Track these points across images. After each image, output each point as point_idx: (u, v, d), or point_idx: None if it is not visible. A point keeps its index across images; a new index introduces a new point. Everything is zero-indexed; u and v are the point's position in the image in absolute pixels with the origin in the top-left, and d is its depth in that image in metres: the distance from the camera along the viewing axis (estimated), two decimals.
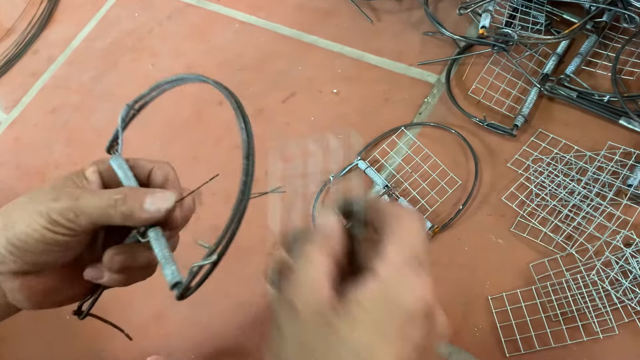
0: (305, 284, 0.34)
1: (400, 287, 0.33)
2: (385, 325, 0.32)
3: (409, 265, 0.34)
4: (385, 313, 0.32)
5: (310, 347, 0.32)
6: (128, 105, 0.45)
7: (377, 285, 0.33)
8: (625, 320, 0.62)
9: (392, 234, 0.35)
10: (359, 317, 0.32)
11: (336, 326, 0.32)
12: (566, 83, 0.77)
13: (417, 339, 0.33)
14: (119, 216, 0.40)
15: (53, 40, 1.16)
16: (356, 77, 0.90)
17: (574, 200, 0.69)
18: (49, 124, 1.03)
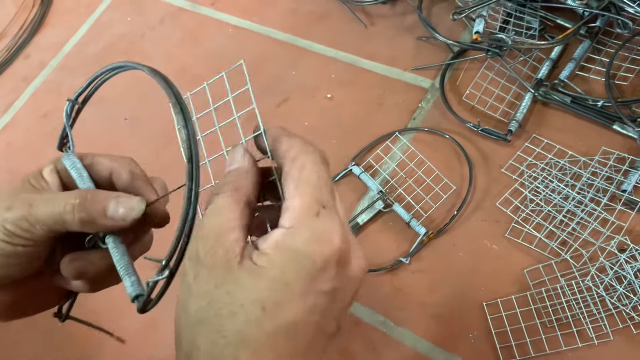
0: (211, 234, 0.32)
1: (305, 235, 0.31)
2: (291, 276, 0.31)
3: (311, 210, 0.32)
4: (291, 263, 0.31)
5: (216, 301, 0.31)
6: (70, 100, 0.43)
7: (282, 235, 0.32)
8: (619, 326, 0.62)
9: (292, 181, 0.33)
10: (263, 267, 0.31)
11: (240, 278, 0.31)
12: (560, 88, 0.77)
13: (326, 287, 0.32)
14: (76, 223, 0.37)
15: (45, 45, 1.15)
16: (350, 82, 0.90)
17: (568, 206, 0.69)
18: (40, 128, 1.03)
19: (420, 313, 0.69)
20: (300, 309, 0.31)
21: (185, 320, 0.32)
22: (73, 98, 0.43)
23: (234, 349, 0.30)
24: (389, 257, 0.73)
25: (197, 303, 0.31)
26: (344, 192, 0.80)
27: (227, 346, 0.30)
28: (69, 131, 0.43)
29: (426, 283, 0.70)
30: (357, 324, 0.70)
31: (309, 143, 0.35)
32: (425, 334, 0.67)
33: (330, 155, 0.85)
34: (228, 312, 0.30)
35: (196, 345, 0.31)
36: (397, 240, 0.74)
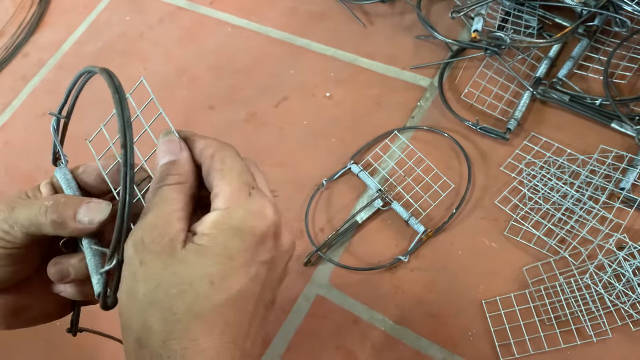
0: (158, 223, 0.34)
1: (242, 212, 0.35)
2: (234, 250, 0.34)
3: (242, 192, 0.36)
4: (232, 238, 0.34)
5: (164, 282, 0.33)
6: (54, 115, 0.43)
7: (220, 215, 0.35)
8: (618, 324, 0.62)
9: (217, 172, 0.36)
10: (206, 246, 0.34)
11: (186, 258, 0.33)
12: (558, 87, 0.78)
13: (265, 257, 0.35)
14: (49, 224, 0.38)
15: (43, 44, 1.15)
16: (349, 81, 0.90)
17: (567, 204, 0.69)
18: (39, 128, 1.03)
19: (419, 311, 0.69)
20: (244, 280, 0.34)
21: (134, 304, 0.34)
22: (57, 112, 0.43)
23: (186, 324, 0.32)
24: (388, 255, 0.73)
25: (145, 286, 0.33)
26: (342, 190, 0.80)
27: (179, 322, 0.32)
28: (59, 147, 0.44)
29: (425, 281, 0.70)
30: (355, 322, 0.70)
31: (221, 142, 0.39)
32: (424, 332, 0.67)
33: (329, 154, 0.86)
34: (177, 291, 0.33)
35: (147, 326, 0.33)
36: (396, 238, 0.74)
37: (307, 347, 0.70)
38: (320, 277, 0.74)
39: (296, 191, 0.81)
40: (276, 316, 0.73)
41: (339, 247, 0.75)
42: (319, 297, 0.73)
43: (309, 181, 0.81)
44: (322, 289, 0.73)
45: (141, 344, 0.33)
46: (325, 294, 0.73)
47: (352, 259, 0.74)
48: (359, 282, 0.73)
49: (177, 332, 0.32)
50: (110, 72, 0.38)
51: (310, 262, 0.75)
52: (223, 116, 0.92)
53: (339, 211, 0.78)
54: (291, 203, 0.80)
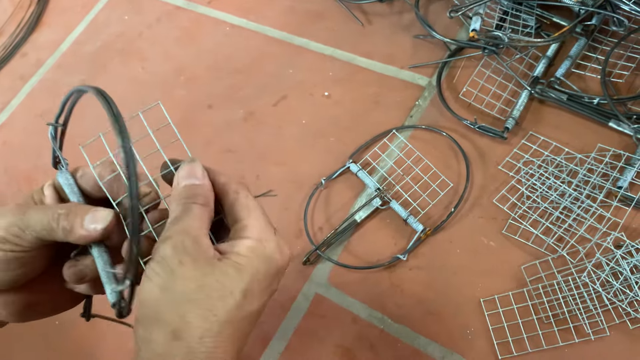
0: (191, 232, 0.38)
1: (273, 246, 0.40)
2: (262, 274, 0.39)
3: (270, 228, 0.41)
4: (263, 265, 0.39)
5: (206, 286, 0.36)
6: (52, 124, 0.45)
7: (254, 242, 0.39)
8: (616, 322, 0.62)
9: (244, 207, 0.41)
10: (244, 265, 0.38)
11: (227, 270, 0.37)
12: (556, 86, 0.78)
13: (275, 287, 0.41)
14: (60, 231, 0.40)
15: (42, 44, 1.15)
16: (347, 80, 0.90)
17: (564, 203, 0.69)
18: (37, 127, 1.03)
19: (417, 310, 0.69)
20: (261, 301, 0.39)
21: (170, 299, 0.36)
22: (54, 121, 0.45)
23: (221, 326, 0.36)
24: (387, 254, 0.73)
25: (184, 285, 0.36)
26: (341, 189, 0.80)
27: (216, 323, 0.36)
28: (59, 152, 0.45)
29: (423, 280, 0.71)
30: (354, 321, 0.70)
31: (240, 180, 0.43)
32: (423, 330, 0.68)
33: (327, 153, 0.86)
34: (218, 296, 0.37)
35: (186, 320, 0.36)
36: (395, 237, 0.74)
37: (306, 346, 0.70)
38: (319, 276, 0.74)
39: (295, 190, 0.81)
40: (275, 315, 0.73)
41: (338, 246, 0.75)
42: (318, 296, 0.73)
43: (308, 180, 0.81)
44: (321, 287, 0.73)
45: (177, 337, 0.36)
46: (324, 293, 0.73)
47: (351, 258, 0.74)
48: (357, 281, 0.73)
49: (213, 331, 0.36)
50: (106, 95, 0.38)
51: (309, 261, 0.75)
52: (222, 115, 0.92)
53: (338, 210, 0.78)
54: (290, 202, 0.81)
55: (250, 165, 0.86)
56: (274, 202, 0.81)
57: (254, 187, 0.84)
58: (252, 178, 0.84)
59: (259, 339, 0.72)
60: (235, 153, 0.88)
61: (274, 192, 0.82)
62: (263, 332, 0.72)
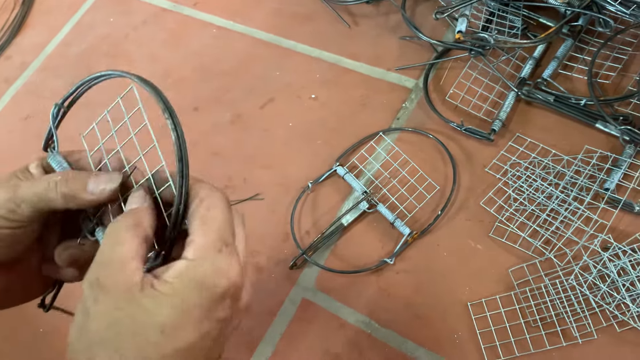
0: (113, 262, 0.35)
1: (207, 268, 0.35)
2: (191, 304, 0.34)
3: (215, 247, 0.36)
4: (192, 292, 0.34)
5: (116, 322, 0.33)
6: (57, 104, 0.44)
7: (185, 266, 0.35)
8: (603, 325, 0.62)
9: (200, 218, 0.37)
10: (166, 294, 0.34)
11: (143, 303, 0.33)
12: (543, 87, 0.78)
13: (221, 316, 0.36)
14: (59, 198, 0.39)
15: (26, 46, 1.13)
16: (334, 82, 0.90)
17: (552, 205, 0.69)
18: (23, 130, 1.01)
19: (405, 314, 0.69)
20: (195, 335, 0.34)
21: (83, 341, 0.33)
22: (60, 102, 0.44)
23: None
24: (374, 257, 0.73)
25: (96, 324, 0.33)
26: (328, 192, 0.79)
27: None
28: (55, 132, 0.44)
29: (411, 283, 0.70)
30: (341, 325, 0.69)
31: (215, 187, 0.39)
32: (410, 334, 0.67)
33: (314, 156, 0.85)
34: (129, 333, 0.33)
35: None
36: (382, 240, 0.74)
37: (294, 351, 0.70)
38: (306, 281, 0.74)
39: (282, 193, 0.81)
40: (262, 320, 0.72)
41: (325, 250, 0.75)
42: (305, 301, 0.72)
43: (295, 183, 0.81)
44: (308, 292, 0.73)
45: None
46: (311, 298, 0.72)
47: (338, 262, 0.74)
48: (345, 285, 0.72)
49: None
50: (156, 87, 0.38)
51: (296, 266, 0.74)
52: (209, 118, 0.92)
53: (325, 214, 0.78)
54: (277, 205, 0.80)
55: (237, 168, 0.85)
56: (261, 206, 0.80)
57: (241, 190, 0.84)
58: (239, 181, 0.84)
59: (246, 345, 0.71)
60: (222, 156, 0.87)
61: (261, 196, 0.82)
62: (250, 337, 0.71)
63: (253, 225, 0.79)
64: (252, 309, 0.73)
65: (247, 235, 0.45)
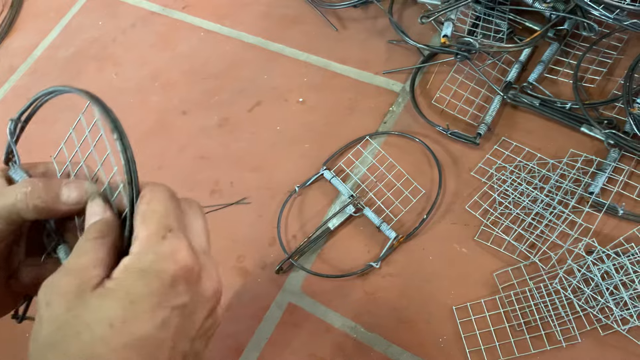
0: (74, 269, 0.35)
1: (149, 256, 0.35)
2: (138, 294, 0.33)
3: (158, 235, 0.35)
4: (137, 282, 0.34)
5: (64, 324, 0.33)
6: (12, 120, 0.45)
7: (129, 259, 0.35)
8: (587, 328, 0.62)
9: (140, 214, 0.36)
10: (111, 289, 0.34)
11: (90, 302, 0.33)
12: (529, 91, 0.78)
13: (176, 303, 0.35)
14: (31, 211, 0.38)
15: (14, 50, 1.13)
16: (322, 86, 0.90)
17: (537, 209, 0.69)
18: None
19: (390, 318, 0.69)
20: (149, 325, 0.33)
21: (35, 348, 0.33)
22: (16, 117, 0.45)
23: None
24: (360, 261, 0.73)
25: (47, 328, 0.33)
26: (315, 196, 0.79)
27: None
28: (14, 147, 0.45)
29: (397, 287, 0.70)
30: (327, 330, 0.69)
31: (158, 183, 0.39)
32: (396, 339, 0.67)
33: (302, 159, 0.85)
34: (73, 333, 0.32)
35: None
36: (368, 244, 0.74)
37: (280, 356, 0.70)
38: (292, 285, 0.73)
39: (269, 197, 0.81)
40: (248, 325, 0.72)
41: (311, 254, 0.75)
42: (291, 305, 0.72)
43: (282, 187, 0.81)
44: (294, 296, 0.73)
45: None
46: (297, 302, 0.72)
47: (324, 266, 0.74)
48: (331, 289, 0.72)
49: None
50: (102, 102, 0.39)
51: (282, 270, 0.74)
52: (196, 121, 0.92)
53: (312, 218, 0.78)
54: (264, 209, 0.80)
55: (224, 172, 0.85)
56: (248, 210, 0.80)
57: (228, 194, 0.84)
58: (226, 184, 0.84)
59: (232, 350, 0.71)
60: (210, 159, 0.87)
61: (247, 200, 0.81)
62: (236, 342, 0.71)
63: (239, 230, 0.79)
64: (237, 313, 0.73)
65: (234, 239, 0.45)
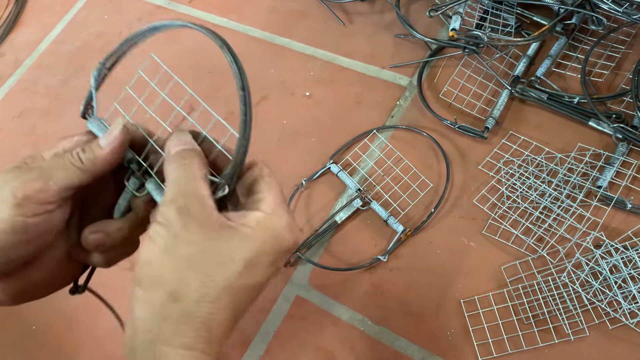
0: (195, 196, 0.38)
1: (281, 223, 0.39)
2: (268, 248, 0.38)
3: (284, 206, 0.40)
4: (270, 239, 0.38)
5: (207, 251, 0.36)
6: (100, 63, 0.44)
7: (264, 216, 0.38)
8: (595, 322, 0.62)
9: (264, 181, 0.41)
10: (249, 235, 0.37)
11: (230, 238, 0.37)
12: (537, 85, 0.78)
13: (280, 265, 0.40)
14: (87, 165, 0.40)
15: (20, 44, 1.13)
16: (329, 80, 0.90)
17: (544, 202, 0.69)
18: (15, 128, 1.01)
19: (398, 311, 0.69)
20: (264, 275, 0.38)
21: (172, 261, 0.36)
22: (102, 62, 0.45)
23: (219, 292, 0.36)
24: (367, 255, 0.73)
25: (187, 249, 0.36)
26: (322, 190, 0.79)
27: (214, 289, 0.36)
28: (94, 96, 0.44)
29: (404, 281, 0.70)
30: (334, 323, 0.69)
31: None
32: (403, 332, 0.67)
33: (308, 153, 0.85)
34: (218, 262, 0.36)
35: (186, 283, 0.36)
36: (375, 238, 0.74)
37: (286, 349, 0.70)
38: (300, 278, 0.73)
39: None
40: (255, 317, 0.72)
41: (319, 247, 0.75)
42: (299, 298, 0.72)
43: (289, 181, 0.81)
44: (301, 289, 0.73)
45: (174, 298, 0.36)
46: (305, 295, 0.72)
47: (332, 259, 0.74)
48: (338, 283, 0.72)
49: (210, 296, 0.36)
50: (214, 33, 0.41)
51: (290, 263, 0.74)
52: (202, 115, 0.91)
53: (318, 211, 0.78)
54: None
55: None
56: None
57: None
58: None
59: (239, 343, 0.71)
60: None
61: None
62: (243, 335, 0.71)
63: None
64: None
65: None
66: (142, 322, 0.36)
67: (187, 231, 0.36)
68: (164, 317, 0.36)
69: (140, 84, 0.46)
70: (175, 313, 0.35)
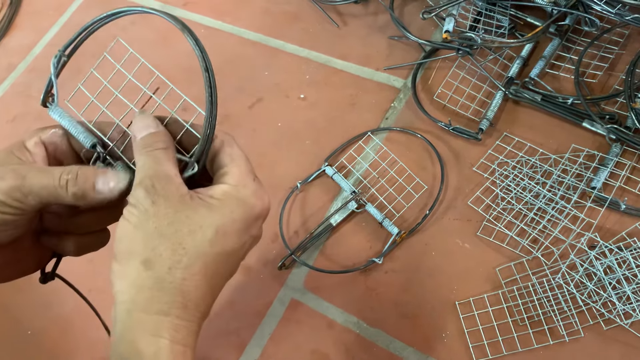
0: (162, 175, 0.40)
1: (248, 191, 0.41)
2: (237, 216, 0.40)
3: (249, 176, 0.42)
4: (238, 207, 0.40)
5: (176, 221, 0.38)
6: (60, 51, 0.45)
7: (230, 187, 0.41)
8: (590, 323, 0.62)
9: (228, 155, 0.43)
10: (216, 206, 0.40)
11: (198, 208, 0.39)
12: (530, 86, 0.78)
13: (254, 233, 0.43)
14: (70, 197, 0.41)
15: (13, 48, 1.13)
16: (323, 82, 0.90)
17: (539, 204, 0.69)
18: (9, 133, 1.01)
19: (393, 313, 0.69)
20: (237, 243, 0.40)
21: (144, 234, 0.38)
22: (61, 49, 0.46)
23: (192, 259, 0.38)
24: (363, 257, 0.72)
25: (157, 222, 0.38)
26: (317, 193, 0.79)
27: (185, 255, 0.38)
28: (55, 83, 0.46)
29: (399, 283, 0.70)
30: (330, 326, 0.69)
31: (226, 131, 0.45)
32: (398, 334, 0.67)
33: (303, 156, 0.85)
34: (188, 231, 0.38)
35: (158, 252, 0.38)
36: (370, 240, 0.74)
37: (282, 352, 0.70)
38: (295, 281, 0.73)
39: (271, 194, 0.78)
40: (251, 320, 0.72)
41: (314, 250, 0.75)
42: (294, 301, 0.72)
43: (284, 183, 0.81)
44: (296, 292, 0.73)
45: (147, 267, 0.37)
46: (300, 298, 0.72)
47: (327, 262, 0.74)
48: (333, 285, 0.72)
49: (182, 263, 0.38)
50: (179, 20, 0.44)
51: (285, 266, 0.74)
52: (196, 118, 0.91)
53: (313, 214, 0.78)
54: None
55: None
56: None
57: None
58: None
59: (235, 346, 0.71)
60: None
61: None
62: (238, 338, 0.71)
63: None
64: (240, 310, 0.73)
65: None
66: (120, 294, 0.38)
67: (156, 206, 0.38)
68: (139, 285, 0.37)
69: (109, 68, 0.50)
70: (149, 281, 0.37)
